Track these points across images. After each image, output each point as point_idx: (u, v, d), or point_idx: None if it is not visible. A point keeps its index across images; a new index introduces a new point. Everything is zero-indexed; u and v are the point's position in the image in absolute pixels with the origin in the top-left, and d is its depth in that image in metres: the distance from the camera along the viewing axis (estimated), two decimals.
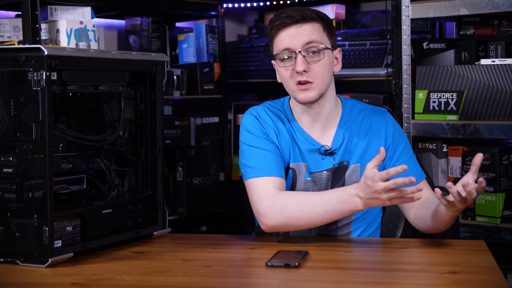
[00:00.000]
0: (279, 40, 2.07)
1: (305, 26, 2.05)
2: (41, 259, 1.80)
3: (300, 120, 2.14)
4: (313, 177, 2.12)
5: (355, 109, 2.18)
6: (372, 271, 1.79)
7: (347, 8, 3.57)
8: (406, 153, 2.14)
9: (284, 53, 2.06)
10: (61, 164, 2.04)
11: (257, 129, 2.12)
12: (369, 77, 3.11)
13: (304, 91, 2.05)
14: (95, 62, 1.96)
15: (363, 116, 2.16)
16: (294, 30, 2.05)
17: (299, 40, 2.04)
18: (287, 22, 2.05)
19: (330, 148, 2.11)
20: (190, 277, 1.77)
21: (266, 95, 3.61)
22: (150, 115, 2.14)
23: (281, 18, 2.07)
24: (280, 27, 2.07)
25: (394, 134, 2.14)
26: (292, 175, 2.12)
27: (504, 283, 1.64)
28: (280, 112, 2.17)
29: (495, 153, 2.71)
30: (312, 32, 2.06)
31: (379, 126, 2.15)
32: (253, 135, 2.12)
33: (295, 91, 2.07)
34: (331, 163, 2.12)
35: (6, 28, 2.72)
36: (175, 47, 3.57)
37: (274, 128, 2.13)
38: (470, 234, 2.75)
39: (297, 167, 2.12)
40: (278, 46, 2.08)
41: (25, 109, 1.82)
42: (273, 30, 2.09)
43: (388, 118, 2.18)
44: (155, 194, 2.15)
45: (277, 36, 2.08)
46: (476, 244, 2.01)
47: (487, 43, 2.84)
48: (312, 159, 2.12)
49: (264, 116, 2.15)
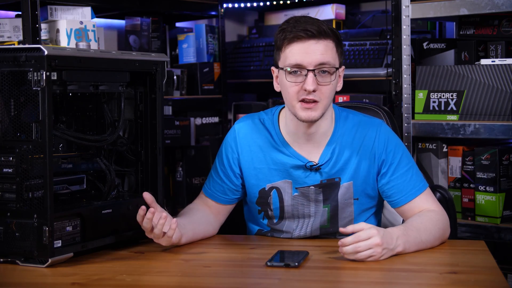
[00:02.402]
0: (290, 53, 1.98)
1: (320, 43, 1.96)
2: (41, 259, 1.80)
3: (291, 136, 2.10)
4: (300, 192, 2.10)
5: (349, 123, 2.11)
6: (372, 271, 1.79)
7: (347, 8, 3.57)
8: (401, 168, 2.07)
9: (294, 68, 1.97)
10: (61, 164, 2.04)
11: (226, 151, 2.17)
12: (369, 77, 3.11)
13: (307, 110, 1.98)
14: (95, 62, 1.96)
15: (356, 130, 2.10)
16: (308, 46, 1.96)
17: (312, 58, 1.96)
18: (302, 35, 1.96)
19: (316, 164, 2.08)
20: (190, 277, 1.77)
21: (266, 95, 3.61)
22: (150, 115, 2.14)
23: (296, 30, 1.97)
24: (294, 39, 1.97)
25: (388, 149, 2.08)
26: (277, 193, 2.11)
27: (504, 283, 1.64)
28: (269, 126, 2.13)
29: (495, 153, 2.71)
30: (326, 51, 1.97)
31: (369, 142, 2.09)
32: (221, 153, 2.18)
33: (297, 109, 2.00)
34: (318, 179, 2.08)
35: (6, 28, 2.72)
36: (175, 47, 3.57)
37: (248, 150, 2.13)
38: (470, 234, 2.75)
39: (281, 185, 2.11)
40: (289, 59, 1.98)
41: (25, 109, 1.82)
42: (285, 40, 1.99)
43: (381, 132, 2.10)
44: (155, 194, 2.15)
45: (289, 47, 1.98)
46: (476, 244, 2.01)
47: (487, 43, 2.84)
48: (297, 175, 2.09)
49: (244, 136, 2.14)
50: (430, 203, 2.06)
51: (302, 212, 2.11)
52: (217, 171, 2.18)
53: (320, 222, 2.11)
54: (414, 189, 2.06)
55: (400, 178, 2.07)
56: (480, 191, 2.75)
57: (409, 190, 2.05)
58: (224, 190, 2.17)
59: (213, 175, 2.19)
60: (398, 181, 2.06)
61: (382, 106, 2.42)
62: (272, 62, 2.12)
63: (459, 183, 2.84)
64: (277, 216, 2.14)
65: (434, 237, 1.97)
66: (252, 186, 2.14)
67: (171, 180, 3.30)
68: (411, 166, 2.09)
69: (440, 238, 1.99)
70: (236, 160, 2.15)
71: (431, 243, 1.96)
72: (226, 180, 2.16)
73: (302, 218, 2.12)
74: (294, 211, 2.11)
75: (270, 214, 2.14)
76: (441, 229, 1.99)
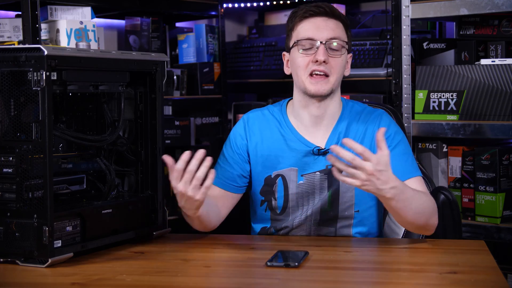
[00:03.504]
0: (302, 28, 2.06)
1: (330, 21, 2.06)
2: (41, 259, 1.80)
3: (298, 119, 2.13)
4: (306, 179, 2.11)
5: (354, 111, 2.16)
6: (372, 271, 1.79)
7: (347, 8, 3.57)
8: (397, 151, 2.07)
9: (306, 42, 2.04)
10: (61, 164, 2.04)
11: (235, 137, 2.19)
12: (369, 77, 3.11)
13: (317, 83, 2.04)
14: (95, 62, 1.96)
15: (360, 117, 2.14)
16: (320, 22, 2.05)
17: (324, 33, 2.04)
18: (315, 11, 2.05)
19: (323, 148, 2.10)
20: (190, 277, 1.77)
21: (266, 95, 3.61)
22: (150, 115, 2.14)
23: (308, 8, 2.06)
24: (307, 15, 2.06)
25: (388, 133, 2.07)
26: (283, 181, 2.12)
27: (504, 283, 1.64)
28: (277, 115, 2.17)
29: (495, 153, 2.71)
30: (337, 27, 2.06)
31: (372, 127, 2.12)
32: (229, 140, 2.20)
33: (307, 82, 2.05)
34: (324, 164, 2.10)
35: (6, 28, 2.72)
36: (175, 47, 3.57)
37: (257, 138, 2.15)
38: (470, 234, 2.75)
39: (286, 173, 2.12)
40: (301, 34, 2.06)
41: (25, 109, 1.82)
42: (297, 18, 2.07)
43: (382, 120, 2.13)
44: (155, 194, 2.15)
45: (301, 24, 2.07)
46: (476, 244, 2.01)
47: (487, 43, 2.84)
48: (304, 161, 2.11)
49: (252, 123, 2.18)
50: (421, 188, 2.04)
51: (307, 201, 2.12)
52: (225, 158, 2.19)
53: (321, 205, 2.12)
54: (406, 171, 2.05)
55: (394, 159, 2.03)
56: (480, 191, 2.75)
57: (401, 171, 2.02)
58: (234, 176, 2.16)
59: (221, 164, 2.19)
60: (393, 161, 2.04)
61: (386, 105, 2.43)
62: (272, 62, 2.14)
63: (459, 183, 2.84)
64: (280, 206, 2.14)
65: (422, 211, 1.94)
66: (258, 173, 2.16)
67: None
68: (407, 153, 2.10)
69: (425, 216, 1.95)
70: (245, 147, 2.18)
71: (416, 213, 1.93)
72: (235, 166, 2.17)
73: (306, 205, 2.12)
74: (298, 199, 2.12)
75: (274, 204, 2.15)
76: (430, 208, 1.97)
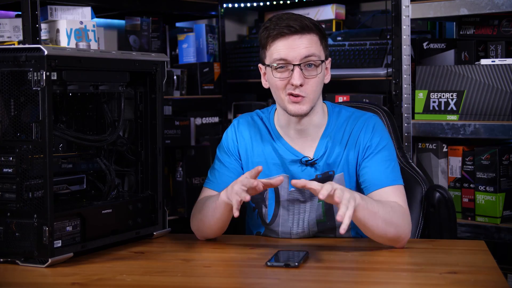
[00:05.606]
0: (275, 49, 2.01)
1: (304, 38, 2.00)
2: (41, 259, 1.81)
3: (284, 130, 2.13)
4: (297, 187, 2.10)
5: (341, 117, 2.13)
6: (372, 271, 1.79)
7: (347, 8, 3.56)
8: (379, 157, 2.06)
9: (280, 63, 2.00)
10: (61, 164, 2.04)
11: (227, 142, 2.18)
12: (369, 77, 3.11)
13: (295, 103, 2.02)
14: (95, 62, 1.96)
15: (347, 124, 2.12)
16: (292, 41, 1.99)
17: (297, 52, 1.99)
18: (285, 32, 1.99)
19: (312, 159, 2.10)
20: (190, 277, 1.77)
21: (266, 95, 3.61)
22: (150, 115, 2.14)
23: (279, 27, 2.00)
24: (278, 36, 2.00)
25: (373, 139, 2.08)
26: (274, 189, 2.12)
27: (504, 283, 1.64)
28: (266, 122, 2.17)
29: (495, 153, 2.71)
30: (311, 44, 2.00)
31: (356, 133, 2.10)
32: (222, 146, 2.19)
33: (286, 102, 2.03)
34: (313, 174, 2.09)
35: (6, 28, 2.72)
36: (175, 47, 3.57)
37: (247, 144, 2.16)
38: (470, 234, 2.75)
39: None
40: (273, 55, 2.01)
41: (25, 109, 1.82)
42: (269, 38, 2.02)
43: (369, 123, 2.10)
44: (155, 194, 2.15)
45: (273, 45, 2.01)
46: (476, 244, 2.01)
47: (487, 43, 2.84)
48: (294, 170, 2.10)
49: (243, 129, 2.18)
50: (399, 198, 2.03)
51: (297, 208, 2.12)
52: (220, 162, 2.18)
53: (316, 216, 2.11)
54: (386, 179, 2.04)
55: (376, 165, 2.05)
56: (480, 191, 2.75)
57: (381, 178, 2.03)
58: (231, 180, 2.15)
59: (217, 168, 2.18)
60: (373, 168, 2.06)
61: (381, 106, 2.43)
62: None
63: (459, 183, 2.84)
64: (270, 214, 2.14)
65: (390, 220, 1.92)
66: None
67: (171, 180, 3.30)
68: (390, 160, 2.08)
69: (393, 226, 1.93)
70: (237, 151, 2.18)
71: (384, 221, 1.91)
72: (232, 168, 2.16)
73: (297, 214, 2.12)
74: (289, 206, 2.12)
75: (264, 212, 2.15)
76: (399, 219, 1.94)
